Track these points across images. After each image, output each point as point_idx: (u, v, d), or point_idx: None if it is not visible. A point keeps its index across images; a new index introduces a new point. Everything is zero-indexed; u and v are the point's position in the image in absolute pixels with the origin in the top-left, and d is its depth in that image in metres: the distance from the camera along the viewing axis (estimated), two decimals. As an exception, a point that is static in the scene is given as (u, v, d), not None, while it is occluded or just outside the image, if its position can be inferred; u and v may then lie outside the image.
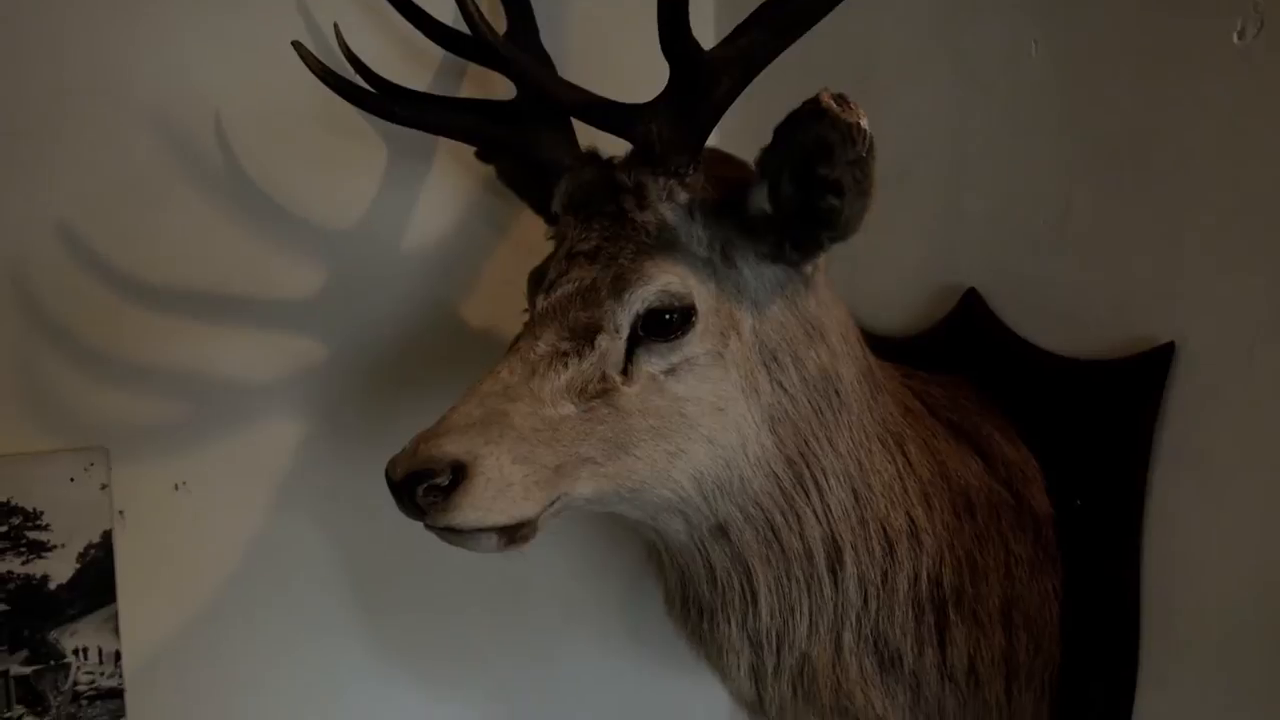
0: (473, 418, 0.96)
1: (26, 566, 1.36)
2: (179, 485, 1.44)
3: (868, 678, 1.12)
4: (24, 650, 1.37)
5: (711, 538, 1.08)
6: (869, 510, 1.09)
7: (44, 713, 1.39)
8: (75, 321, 1.37)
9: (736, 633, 1.12)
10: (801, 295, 1.07)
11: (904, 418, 1.15)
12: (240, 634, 1.49)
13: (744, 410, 1.04)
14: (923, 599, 1.12)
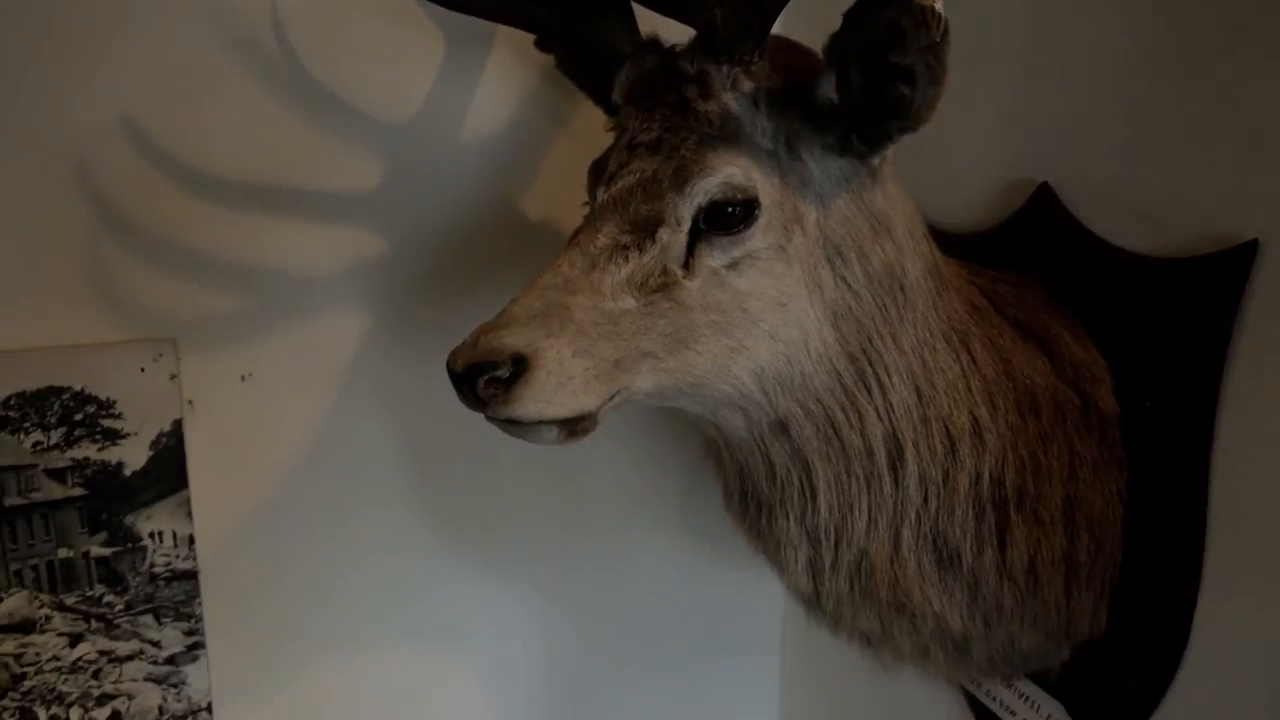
0: (533, 310, 0.96)
1: (102, 453, 1.41)
2: (245, 376, 1.46)
3: (925, 575, 1.12)
4: (103, 533, 1.42)
5: (771, 434, 1.08)
6: (932, 408, 1.08)
7: (123, 592, 1.44)
8: (141, 215, 1.38)
9: (795, 528, 1.12)
10: (868, 188, 1.05)
11: (970, 315, 1.13)
12: (305, 519, 1.53)
13: (806, 306, 1.03)
14: (984, 498, 1.11)
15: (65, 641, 1.43)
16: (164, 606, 1.47)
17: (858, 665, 1.27)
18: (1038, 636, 1.19)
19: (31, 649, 1.41)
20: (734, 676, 1.86)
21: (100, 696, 1.45)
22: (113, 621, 1.44)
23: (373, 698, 1.62)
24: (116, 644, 1.45)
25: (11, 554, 1.39)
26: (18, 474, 1.38)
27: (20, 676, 1.41)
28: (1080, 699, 1.25)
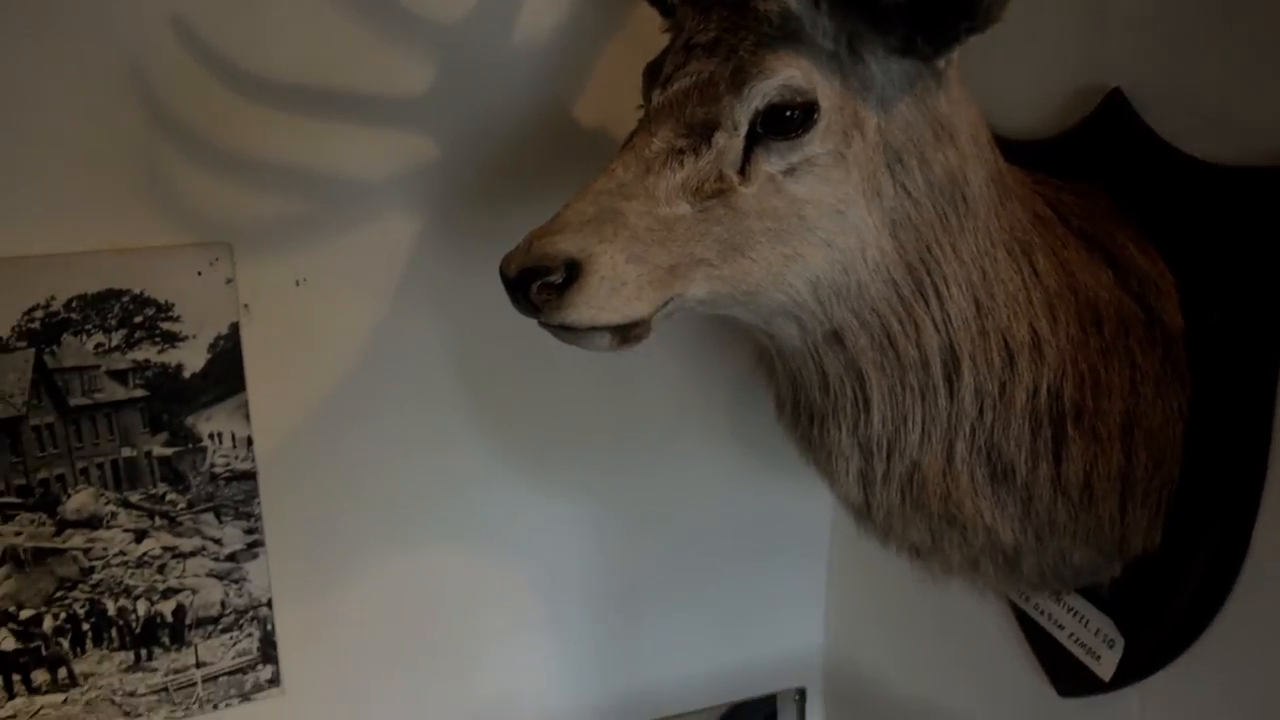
0: (587, 215, 0.95)
1: (162, 355, 1.43)
2: (299, 281, 1.47)
3: (978, 488, 1.11)
4: (164, 433, 1.46)
5: (825, 344, 1.07)
6: (990, 320, 1.06)
7: (185, 491, 1.48)
8: (195, 118, 1.38)
9: (847, 439, 1.11)
10: (932, 93, 1.01)
11: (1033, 225, 1.10)
12: (360, 423, 1.55)
13: (864, 214, 1.00)
14: (1040, 412, 1.09)
15: (131, 537, 1.47)
16: (224, 505, 1.50)
17: (905, 574, 1.27)
18: (1090, 552, 1.18)
19: (99, 544, 1.46)
20: (780, 582, 1.88)
21: (165, 590, 1.50)
22: (175, 519, 1.48)
23: (427, 596, 1.66)
24: (179, 540, 1.49)
25: (78, 452, 1.43)
26: (81, 375, 1.41)
27: (89, 570, 1.46)
28: (1131, 614, 1.24)
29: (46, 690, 1.48)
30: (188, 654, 1.53)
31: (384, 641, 1.64)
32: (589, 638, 1.78)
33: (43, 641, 1.46)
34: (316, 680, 1.62)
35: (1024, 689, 1.44)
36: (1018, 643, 1.44)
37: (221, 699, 1.56)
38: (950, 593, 1.30)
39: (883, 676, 1.80)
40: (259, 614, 1.55)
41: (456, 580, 1.67)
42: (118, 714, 1.52)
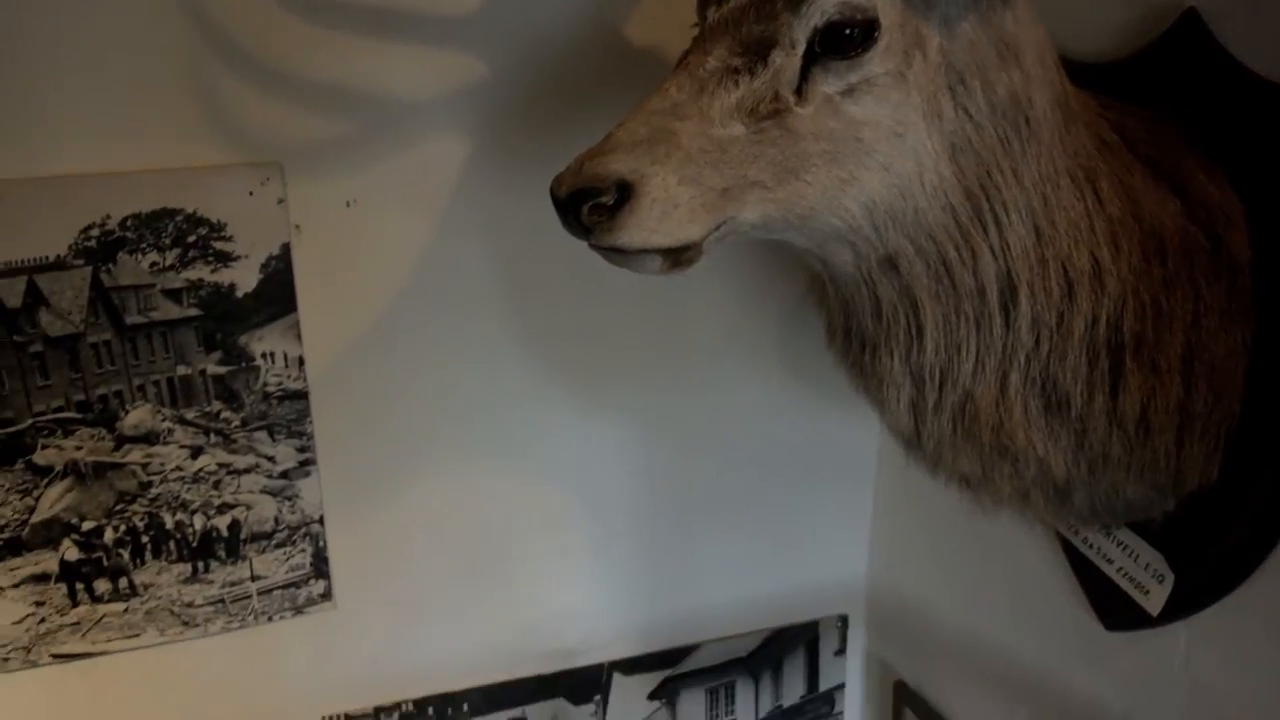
0: (639, 136, 0.93)
1: (215, 275, 1.44)
2: (350, 202, 1.47)
3: (1031, 420, 1.10)
4: (218, 352, 1.48)
5: (879, 270, 1.05)
6: (1050, 249, 1.03)
7: (239, 409, 1.51)
8: (247, 38, 1.37)
9: (899, 367, 1.10)
10: (997, 11, 0.98)
11: (1098, 151, 1.07)
12: (410, 344, 1.56)
13: (924, 137, 0.98)
14: (1099, 344, 1.07)
15: (187, 453, 1.50)
16: (277, 424, 1.53)
17: (953, 505, 1.26)
18: (1143, 486, 1.16)
19: (156, 459, 1.49)
20: (825, 510, 1.88)
21: (220, 505, 1.54)
22: (230, 436, 1.51)
23: (475, 514, 1.68)
24: (234, 457, 1.52)
25: (134, 369, 1.45)
26: (137, 293, 1.43)
27: (148, 484, 1.50)
28: (1182, 550, 1.23)
29: (108, 599, 1.52)
30: (243, 568, 1.57)
31: (433, 559, 1.67)
32: (634, 560, 1.80)
33: (104, 552, 1.50)
34: (367, 595, 1.65)
35: (1069, 622, 1.44)
36: (1064, 575, 1.43)
37: (275, 611, 1.61)
38: (998, 524, 1.28)
39: (926, 605, 1.80)
40: (311, 530, 1.59)
41: (504, 499, 1.69)
42: (176, 624, 1.56)
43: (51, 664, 1.53)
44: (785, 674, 1.95)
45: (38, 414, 1.42)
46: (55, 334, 1.40)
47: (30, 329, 1.39)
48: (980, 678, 1.67)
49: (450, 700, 1.76)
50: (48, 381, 1.42)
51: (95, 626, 1.53)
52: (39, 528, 1.47)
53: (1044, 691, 1.52)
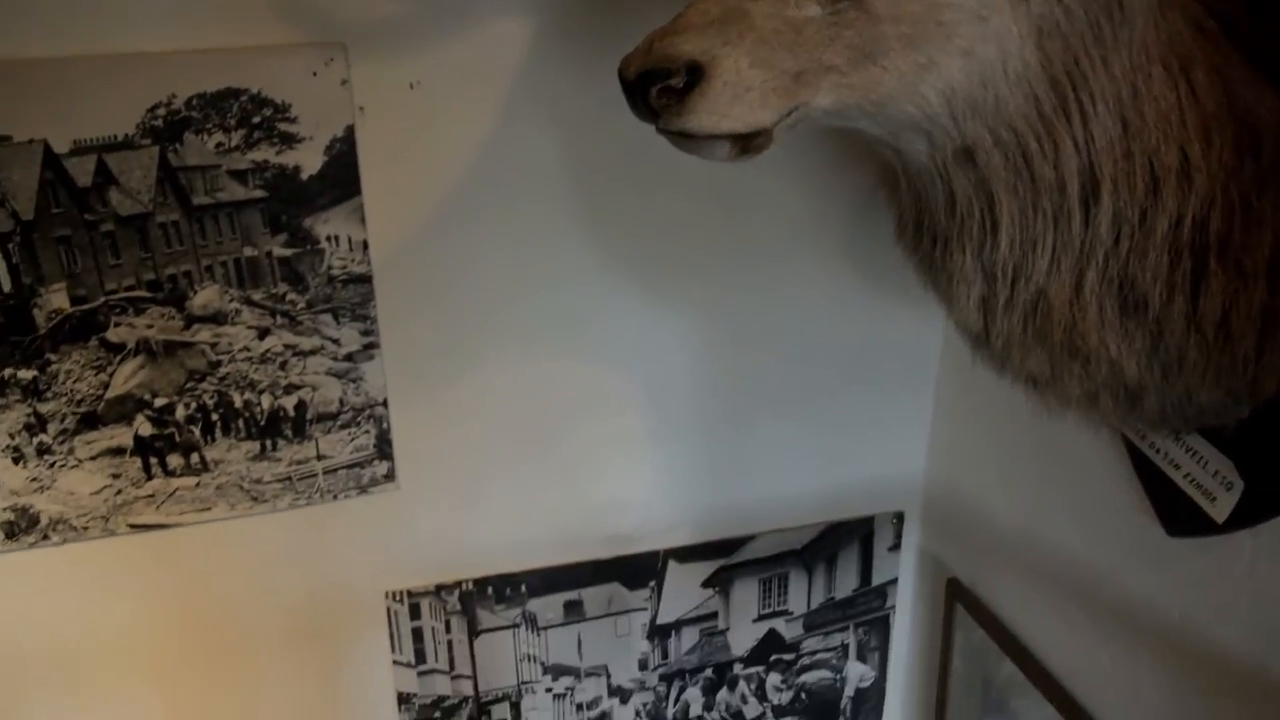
0: (710, 16, 0.90)
1: (280, 156, 1.44)
2: (414, 84, 1.45)
3: (1106, 321, 1.06)
4: (283, 234, 1.48)
5: (955, 161, 1.01)
6: (1137, 142, 0.99)
7: (304, 292, 1.52)
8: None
9: (970, 263, 1.07)
10: (1092, -117, 0.92)
11: (1194, 38, 1.01)
12: (473, 228, 1.55)
13: (1009, 20, 0.93)
14: (1182, 243, 1.03)
15: (254, 334, 1.53)
16: (341, 307, 1.54)
17: (1016, 407, 1.24)
18: (1218, 392, 1.13)
19: (225, 339, 1.52)
20: (885, 407, 1.87)
21: (287, 386, 1.57)
22: (295, 318, 1.53)
23: (536, 399, 1.69)
24: (300, 339, 1.54)
25: (202, 250, 1.47)
26: (204, 174, 1.43)
27: (216, 363, 1.53)
28: (1253, 458, 1.20)
29: (181, 474, 1.57)
30: (309, 447, 1.61)
31: (494, 443, 1.70)
32: (693, 450, 1.81)
33: (176, 429, 1.55)
34: (429, 477, 1.69)
35: (1130, 526, 1.42)
36: (1128, 480, 1.41)
37: (341, 490, 1.65)
38: (1062, 425, 1.26)
39: (984, 505, 1.79)
40: (375, 412, 1.61)
41: (565, 386, 1.70)
42: (246, 499, 1.61)
43: (128, 533, 1.59)
44: (839, 567, 1.96)
45: (110, 292, 1.45)
46: (125, 213, 1.42)
47: (101, 208, 1.41)
48: (1035, 578, 1.67)
49: (509, 581, 1.80)
50: (119, 261, 1.44)
51: (169, 499, 1.58)
52: (114, 403, 1.51)
53: (1100, 594, 1.52)
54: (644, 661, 1.95)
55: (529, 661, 1.88)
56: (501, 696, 1.90)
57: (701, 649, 1.97)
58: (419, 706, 1.85)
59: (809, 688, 2.06)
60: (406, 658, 1.81)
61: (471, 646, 1.84)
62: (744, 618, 1.96)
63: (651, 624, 1.92)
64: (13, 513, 1.52)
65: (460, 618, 1.81)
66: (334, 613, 1.75)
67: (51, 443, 1.50)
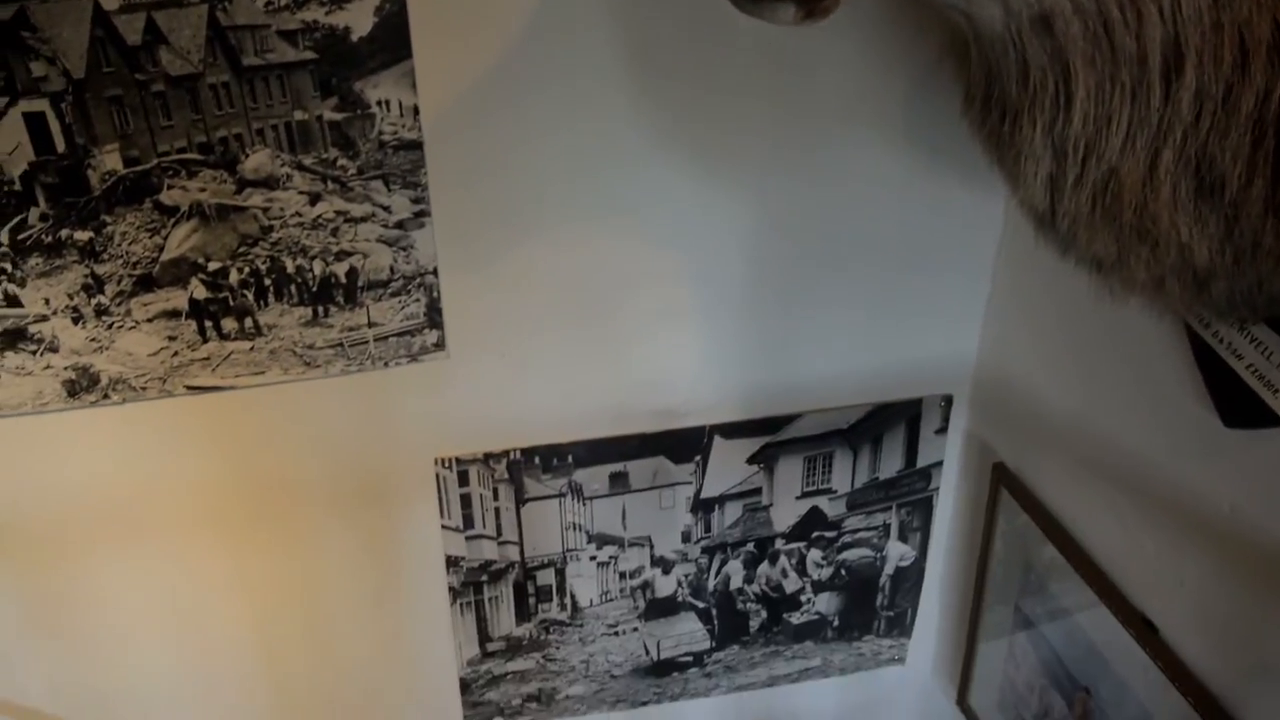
0: None
1: (330, 17, 1.41)
2: (466, -58, 1.41)
3: (1180, 203, 1.02)
4: (334, 98, 1.46)
5: (1031, 30, 0.96)
6: (1227, 12, 0.93)
7: (355, 157, 1.51)
8: None
9: (1040, 138, 1.03)
10: None
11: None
12: (527, 96, 1.52)
13: (1095, -125, 0.87)
14: (1266, 122, 0.97)
15: (305, 199, 1.52)
16: (392, 174, 1.53)
17: (1076, 292, 1.21)
18: (1292, 281, 1.09)
19: (276, 204, 1.52)
20: (939, 288, 1.83)
21: (339, 253, 1.57)
22: (346, 184, 1.52)
23: (586, 273, 1.68)
24: (351, 205, 1.54)
25: (253, 113, 1.45)
26: (253, 34, 1.41)
27: (268, 228, 1.53)
28: (1322, 349, 1.17)
29: (235, 337, 1.59)
30: (360, 314, 1.62)
31: (543, 314, 1.69)
32: (741, 326, 1.79)
33: (229, 293, 1.56)
34: (479, 346, 1.69)
35: (1186, 416, 1.40)
36: (1187, 369, 1.38)
37: (391, 358, 1.66)
38: (1122, 311, 1.23)
39: (1035, 391, 1.77)
40: (425, 281, 1.61)
41: (615, 257, 1.68)
42: (299, 364, 1.63)
43: (185, 395, 1.62)
44: (884, 448, 1.97)
45: (162, 154, 1.45)
46: (175, 73, 1.40)
47: (151, 68, 1.39)
48: (1083, 465, 1.66)
49: (556, 451, 1.83)
50: (170, 122, 1.43)
51: (224, 362, 1.61)
52: (168, 266, 1.52)
53: (1149, 483, 1.50)
54: (687, 534, 1.98)
55: (574, 530, 1.92)
56: (546, 563, 1.95)
57: (744, 524, 1.99)
58: (466, 569, 1.91)
59: (849, 564, 2.09)
60: (455, 523, 1.85)
61: (518, 514, 1.88)
62: (787, 495, 1.98)
63: (695, 498, 1.94)
64: (74, 372, 1.56)
65: (508, 486, 1.85)
66: (385, 477, 1.79)
67: (109, 304, 1.52)
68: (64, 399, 1.57)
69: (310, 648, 1.95)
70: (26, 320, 1.51)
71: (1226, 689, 1.40)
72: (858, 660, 2.24)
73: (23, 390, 1.56)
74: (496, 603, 1.97)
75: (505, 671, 2.06)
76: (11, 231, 1.44)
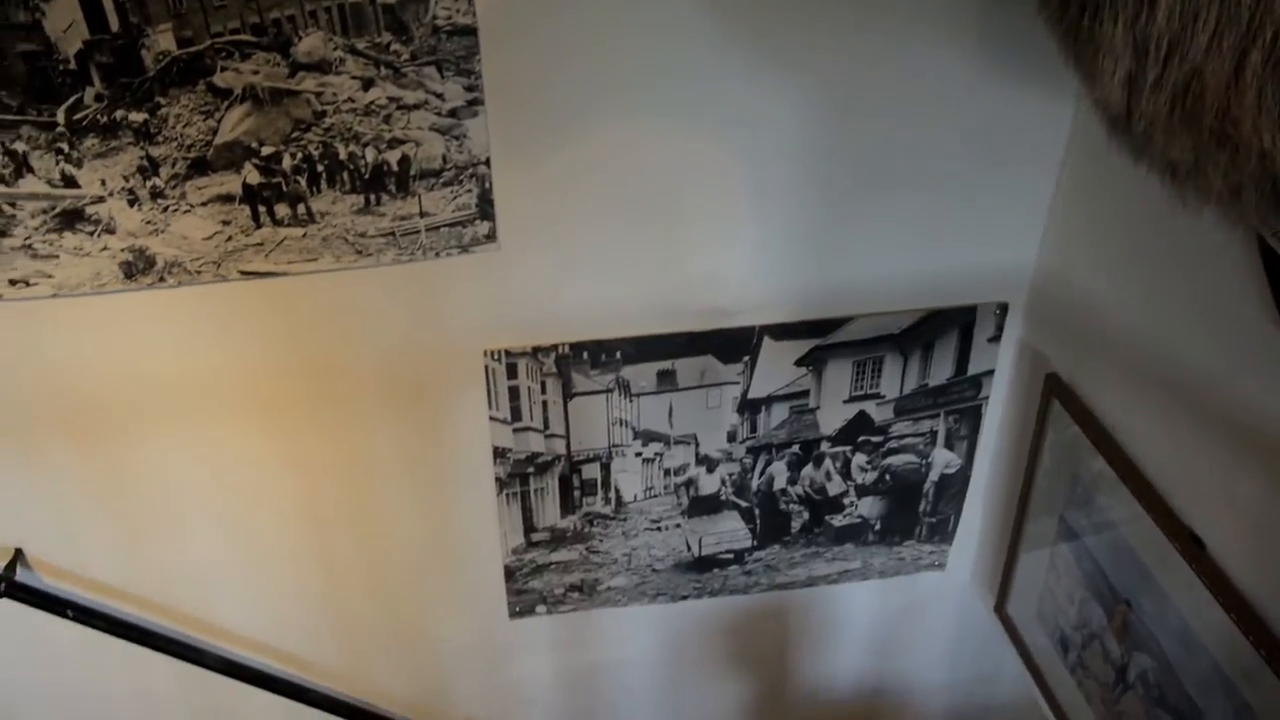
0: None
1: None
2: None
3: (1264, 108, 0.97)
4: (388, -20, 1.43)
5: (1119, -82, 0.91)
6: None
7: (408, 42, 1.48)
8: None
9: (1121, 34, 0.98)
10: None
11: None
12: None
13: None
14: (1364, 24, 0.92)
15: (358, 85, 1.50)
16: (446, 60, 1.50)
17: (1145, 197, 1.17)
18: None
19: (329, 89, 1.50)
20: (1001, 193, 1.78)
21: (391, 140, 1.55)
22: (399, 70, 1.50)
23: (639, 168, 1.65)
24: (404, 92, 1.52)
25: (305, -6, 1.43)
26: (306, -88, 1.38)
27: (321, 113, 1.52)
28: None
29: (288, 223, 1.60)
30: (412, 203, 1.61)
31: (595, 208, 1.68)
32: (795, 226, 1.76)
33: (282, 178, 1.56)
34: (530, 239, 1.68)
35: (1252, 331, 1.36)
36: (1256, 282, 1.34)
37: (443, 248, 1.66)
38: (1192, 222, 1.19)
39: (1094, 301, 1.73)
40: (478, 171, 1.60)
41: (670, 154, 1.65)
42: (351, 251, 1.64)
43: (239, 280, 1.63)
44: (935, 355, 1.95)
45: (215, 35, 1.43)
46: (228, -49, 1.38)
47: (204, -57, 1.37)
48: (1139, 378, 1.63)
49: (604, 347, 1.83)
50: (223, 2, 1.41)
51: (277, 248, 1.62)
52: (222, 149, 1.52)
53: (1208, 399, 1.48)
54: (732, 434, 1.99)
55: (620, 426, 1.94)
56: (592, 457, 1.97)
57: (790, 425, 1.99)
58: (513, 461, 1.93)
59: (894, 470, 2.09)
60: (503, 415, 1.87)
61: (565, 408, 1.89)
62: (835, 398, 1.97)
63: (742, 398, 1.94)
64: (131, 254, 1.57)
65: (555, 379, 1.86)
66: (434, 368, 1.81)
67: (164, 186, 1.53)
68: (121, 280, 1.59)
69: (359, 532, 2.00)
70: (84, 201, 1.52)
71: (1272, 608, 1.39)
72: (897, 564, 2.26)
73: (81, 271, 1.58)
74: (542, 494, 2.00)
75: (549, 561, 2.10)
76: (67, 111, 1.45)
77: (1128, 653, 1.70)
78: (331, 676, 2.21)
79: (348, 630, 2.15)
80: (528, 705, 2.40)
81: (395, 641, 2.20)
